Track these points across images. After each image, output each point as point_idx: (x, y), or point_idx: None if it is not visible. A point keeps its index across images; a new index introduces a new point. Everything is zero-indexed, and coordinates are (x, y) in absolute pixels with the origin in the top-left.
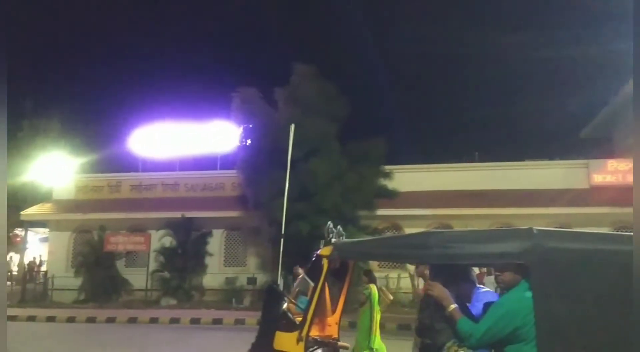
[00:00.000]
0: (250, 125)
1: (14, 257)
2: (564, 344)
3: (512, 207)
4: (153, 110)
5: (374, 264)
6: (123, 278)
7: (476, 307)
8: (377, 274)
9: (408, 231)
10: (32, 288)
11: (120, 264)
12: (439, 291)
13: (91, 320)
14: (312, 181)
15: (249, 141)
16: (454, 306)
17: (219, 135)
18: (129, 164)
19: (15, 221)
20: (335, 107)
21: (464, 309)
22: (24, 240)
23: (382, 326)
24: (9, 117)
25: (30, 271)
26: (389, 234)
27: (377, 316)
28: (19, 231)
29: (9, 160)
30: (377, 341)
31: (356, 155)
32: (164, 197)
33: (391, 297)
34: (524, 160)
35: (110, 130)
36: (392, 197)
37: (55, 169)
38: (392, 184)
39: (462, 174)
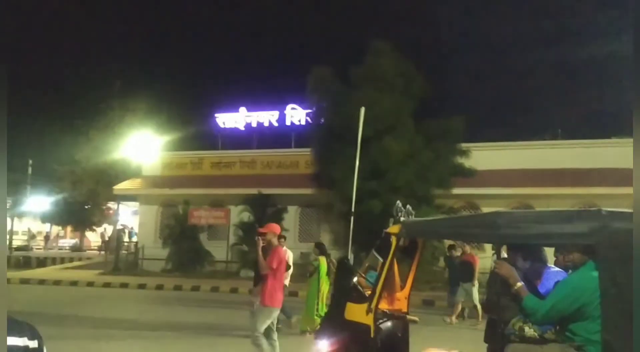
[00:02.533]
0: (325, 104)
1: (107, 229)
2: (628, 323)
3: (596, 187)
4: (232, 90)
5: (447, 244)
6: (206, 250)
7: (545, 287)
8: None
9: (486, 210)
10: (124, 257)
11: (203, 237)
12: (506, 269)
13: (178, 288)
14: (386, 158)
15: (323, 120)
16: (520, 283)
17: (293, 114)
18: (210, 142)
19: (108, 195)
20: (411, 84)
21: (532, 288)
22: (116, 213)
23: None
24: (101, 97)
25: (118, 240)
26: (465, 213)
27: (325, 286)
28: (111, 204)
29: (103, 139)
30: (322, 307)
31: (432, 133)
32: (242, 174)
33: None
34: (610, 138)
35: (193, 109)
36: (469, 176)
37: (143, 146)
38: (469, 162)
39: (544, 151)
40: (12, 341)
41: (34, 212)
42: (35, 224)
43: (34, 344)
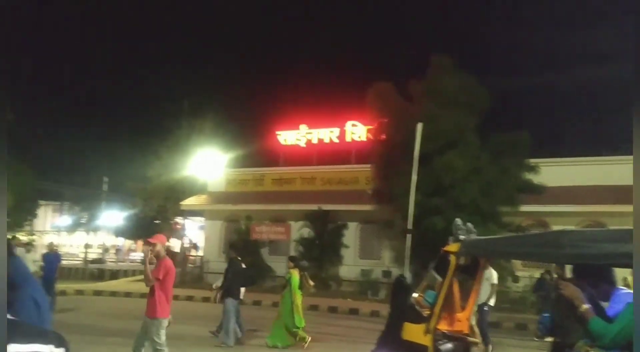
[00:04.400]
0: (385, 120)
1: (175, 243)
2: None
3: None
4: (293, 108)
5: (517, 263)
6: (267, 265)
7: (614, 309)
8: (520, 273)
9: (556, 228)
10: (189, 271)
11: (264, 252)
12: (571, 290)
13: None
14: (449, 174)
15: (383, 136)
16: (586, 306)
17: (353, 131)
18: (272, 159)
19: (176, 210)
20: (474, 98)
21: (599, 311)
22: (183, 227)
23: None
24: (171, 117)
25: (184, 254)
26: (534, 231)
27: (298, 299)
28: (179, 219)
29: (171, 157)
30: (300, 320)
31: (498, 148)
32: (302, 190)
33: (312, 283)
34: None
35: (256, 127)
36: (537, 193)
37: (209, 163)
38: (537, 178)
39: (617, 167)
40: (37, 348)
41: (108, 227)
42: (109, 238)
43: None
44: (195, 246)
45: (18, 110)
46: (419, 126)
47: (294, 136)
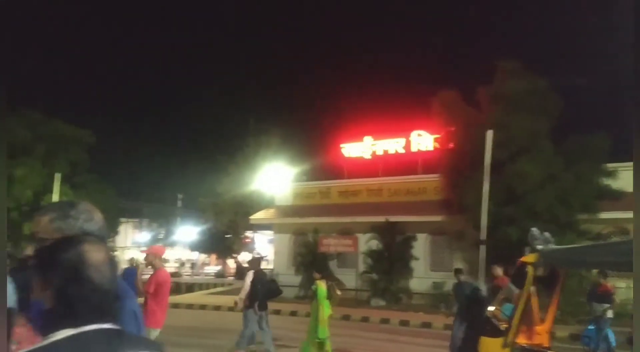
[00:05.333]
0: (452, 128)
1: (244, 256)
2: None
3: None
4: (356, 120)
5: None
6: (336, 277)
7: None
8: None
9: None
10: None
11: (332, 265)
12: None
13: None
14: (522, 182)
15: (450, 144)
16: None
17: (419, 141)
18: (338, 171)
19: (245, 224)
20: (545, 102)
21: None
22: (253, 241)
23: None
24: (239, 134)
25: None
26: (615, 239)
27: (324, 310)
28: (249, 233)
29: (239, 173)
30: (322, 331)
31: (573, 153)
32: (369, 202)
33: (339, 293)
34: None
35: (321, 140)
36: (617, 198)
37: (276, 178)
38: (616, 183)
39: None
40: None
41: (183, 242)
42: (185, 253)
43: None
44: (262, 259)
45: (101, 135)
46: (489, 134)
47: (359, 149)
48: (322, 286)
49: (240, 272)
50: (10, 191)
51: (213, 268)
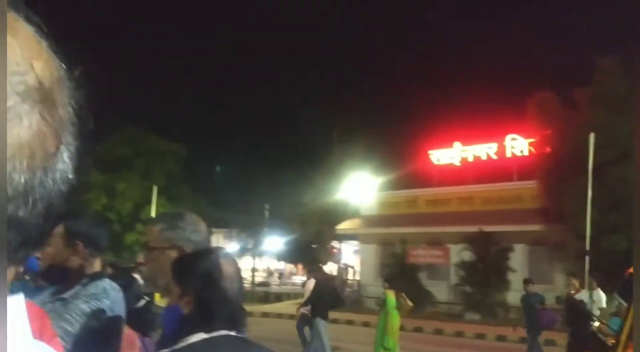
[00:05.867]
0: (549, 131)
1: (332, 267)
2: None
3: None
4: (445, 125)
5: None
6: (426, 290)
7: None
8: None
9: None
10: (347, 295)
11: (422, 276)
12: None
13: (400, 328)
14: (627, 187)
15: (547, 148)
16: None
17: (514, 145)
18: (426, 179)
19: (331, 234)
20: None
21: None
22: (339, 251)
23: None
24: (323, 144)
25: (341, 278)
26: None
27: (393, 320)
28: (335, 243)
29: (324, 182)
30: (391, 342)
31: None
32: (459, 211)
33: (410, 304)
34: None
35: (406, 147)
36: None
37: (361, 187)
38: None
39: None
40: None
41: (270, 252)
42: (273, 263)
43: None
44: (348, 270)
45: (193, 150)
46: (591, 137)
47: (448, 155)
48: (390, 296)
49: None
50: (112, 204)
51: (300, 278)
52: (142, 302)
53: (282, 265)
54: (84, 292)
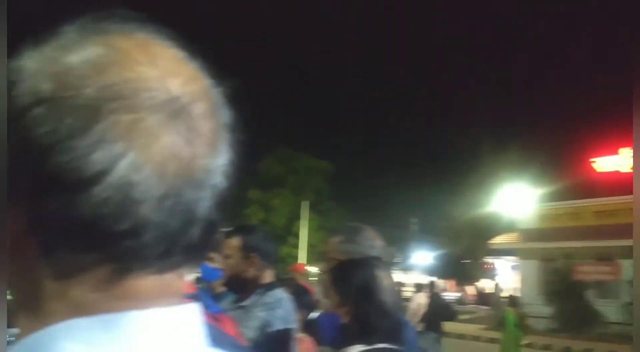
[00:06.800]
0: None
1: (486, 284)
2: None
3: None
4: (608, 127)
5: None
6: (594, 309)
7: None
8: None
9: None
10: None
11: (590, 294)
12: None
13: (566, 350)
14: None
15: None
16: None
17: None
18: (588, 189)
19: (484, 249)
20: None
21: None
22: (494, 267)
23: None
24: (473, 155)
25: (497, 296)
26: None
27: (515, 339)
28: (489, 259)
29: (475, 195)
30: None
31: None
32: (630, 223)
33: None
34: None
35: (567, 156)
36: None
37: (516, 199)
38: None
39: None
40: None
41: (419, 266)
42: (421, 278)
43: None
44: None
45: (340, 166)
46: None
47: (614, 162)
48: (510, 314)
49: (482, 299)
50: (268, 219)
51: (452, 294)
52: (318, 313)
53: (426, 280)
54: (261, 301)
